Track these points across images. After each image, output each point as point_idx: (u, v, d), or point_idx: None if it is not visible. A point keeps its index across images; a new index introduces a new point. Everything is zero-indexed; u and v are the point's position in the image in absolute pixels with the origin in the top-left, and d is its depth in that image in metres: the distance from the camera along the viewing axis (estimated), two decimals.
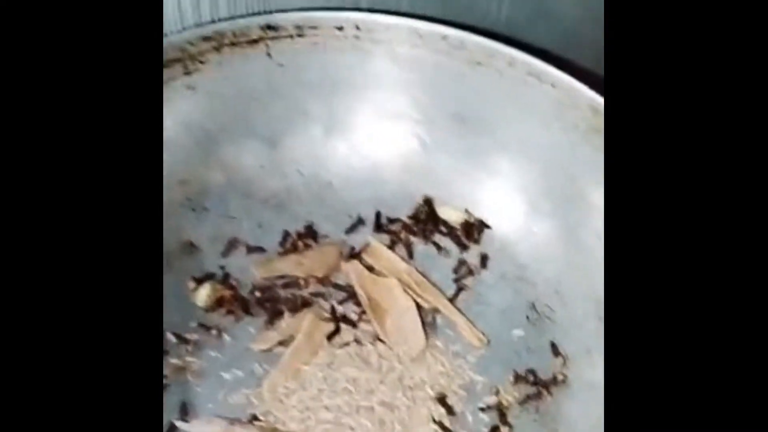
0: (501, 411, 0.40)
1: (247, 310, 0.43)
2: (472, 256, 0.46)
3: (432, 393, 0.41)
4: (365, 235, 0.46)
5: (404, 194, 0.47)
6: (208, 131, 0.45)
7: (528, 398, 0.41)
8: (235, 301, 0.43)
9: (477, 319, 0.43)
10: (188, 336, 0.42)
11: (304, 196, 0.47)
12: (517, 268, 0.45)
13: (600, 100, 0.41)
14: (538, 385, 0.41)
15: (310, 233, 0.46)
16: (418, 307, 0.43)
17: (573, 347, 0.42)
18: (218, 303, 0.43)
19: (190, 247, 0.44)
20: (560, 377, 0.41)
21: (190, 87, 0.44)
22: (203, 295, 0.43)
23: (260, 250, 0.45)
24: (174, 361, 0.41)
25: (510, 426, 0.40)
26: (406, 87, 0.46)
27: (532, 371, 0.42)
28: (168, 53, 0.42)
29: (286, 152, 0.47)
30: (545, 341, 0.43)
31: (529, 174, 0.45)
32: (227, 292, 0.43)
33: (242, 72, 0.45)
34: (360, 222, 0.47)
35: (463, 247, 0.46)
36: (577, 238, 0.43)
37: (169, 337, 0.41)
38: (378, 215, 0.47)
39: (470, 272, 0.45)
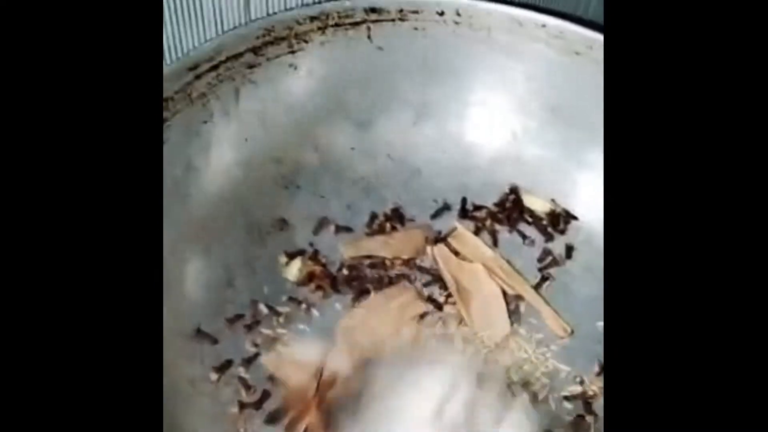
0: (586, 400, 0.41)
1: (335, 287, 0.44)
2: (557, 246, 0.46)
3: (515, 379, 0.41)
4: (450, 221, 0.47)
5: (491, 182, 0.48)
6: (306, 111, 0.46)
7: None
8: (325, 278, 0.44)
9: (561, 309, 0.44)
10: (279, 308, 0.43)
11: (392, 180, 0.48)
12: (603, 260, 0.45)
13: None
14: None
15: (397, 216, 0.47)
16: (503, 293, 0.44)
17: None
18: (308, 278, 0.44)
19: (283, 223, 0.45)
20: None
21: (293, 65, 0.44)
22: (295, 269, 0.44)
23: (348, 230, 0.46)
24: (266, 331, 0.42)
25: (595, 416, 0.40)
26: (501, 75, 0.46)
27: None
28: (276, 31, 0.43)
29: (378, 136, 0.48)
30: None
31: None
32: (317, 268, 0.44)
33: (343, 53, 0.45)
34: (446, 207, 0.47)
35: (549, 237, 0.46)
36: None
37: (262, 308, 0.42)
38: (464, 201, 0.47)
39: (555, 262, 0.46)
